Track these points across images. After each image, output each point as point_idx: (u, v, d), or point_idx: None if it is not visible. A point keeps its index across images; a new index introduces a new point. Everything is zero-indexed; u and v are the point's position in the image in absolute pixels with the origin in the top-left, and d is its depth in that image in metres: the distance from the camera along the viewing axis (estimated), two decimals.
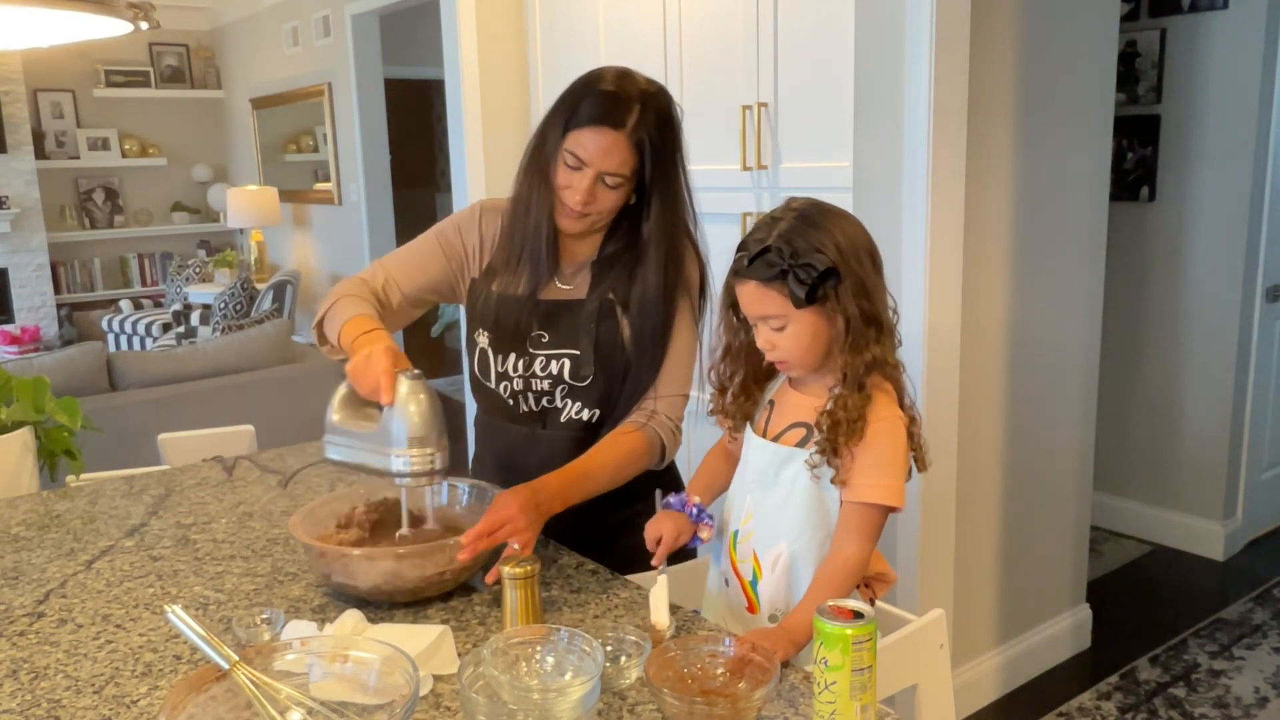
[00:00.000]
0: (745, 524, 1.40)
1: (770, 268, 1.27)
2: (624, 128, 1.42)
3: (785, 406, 1.40)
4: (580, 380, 1.54)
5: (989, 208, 2.42)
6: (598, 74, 1.47)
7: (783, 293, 1.28)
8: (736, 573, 1.41)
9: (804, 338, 1.30)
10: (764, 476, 1.37)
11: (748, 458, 1.41)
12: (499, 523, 1.32)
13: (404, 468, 1.31)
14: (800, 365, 1.34)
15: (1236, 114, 3.35)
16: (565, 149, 1.44)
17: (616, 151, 1.42)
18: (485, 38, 3.31)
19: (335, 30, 6.10)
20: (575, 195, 1.45)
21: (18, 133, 6.63)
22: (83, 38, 2.02)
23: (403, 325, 1.62)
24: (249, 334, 4.02)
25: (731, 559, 1.42)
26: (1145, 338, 3.67)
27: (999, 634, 2.72)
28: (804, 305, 1.27)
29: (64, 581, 1.45)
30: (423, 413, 1.30)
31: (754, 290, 1.30)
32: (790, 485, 1.35)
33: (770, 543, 1.36)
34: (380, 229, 6.26)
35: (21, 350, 6.18)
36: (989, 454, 2.57)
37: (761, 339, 1.34)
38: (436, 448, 1.31)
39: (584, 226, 1.51)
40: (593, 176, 1.44)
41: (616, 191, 1.46)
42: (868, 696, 0.98)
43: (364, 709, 1.01)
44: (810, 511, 1.34)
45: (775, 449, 1.37)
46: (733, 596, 1.42)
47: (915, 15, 2.17)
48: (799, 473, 1.33)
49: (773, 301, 1.29)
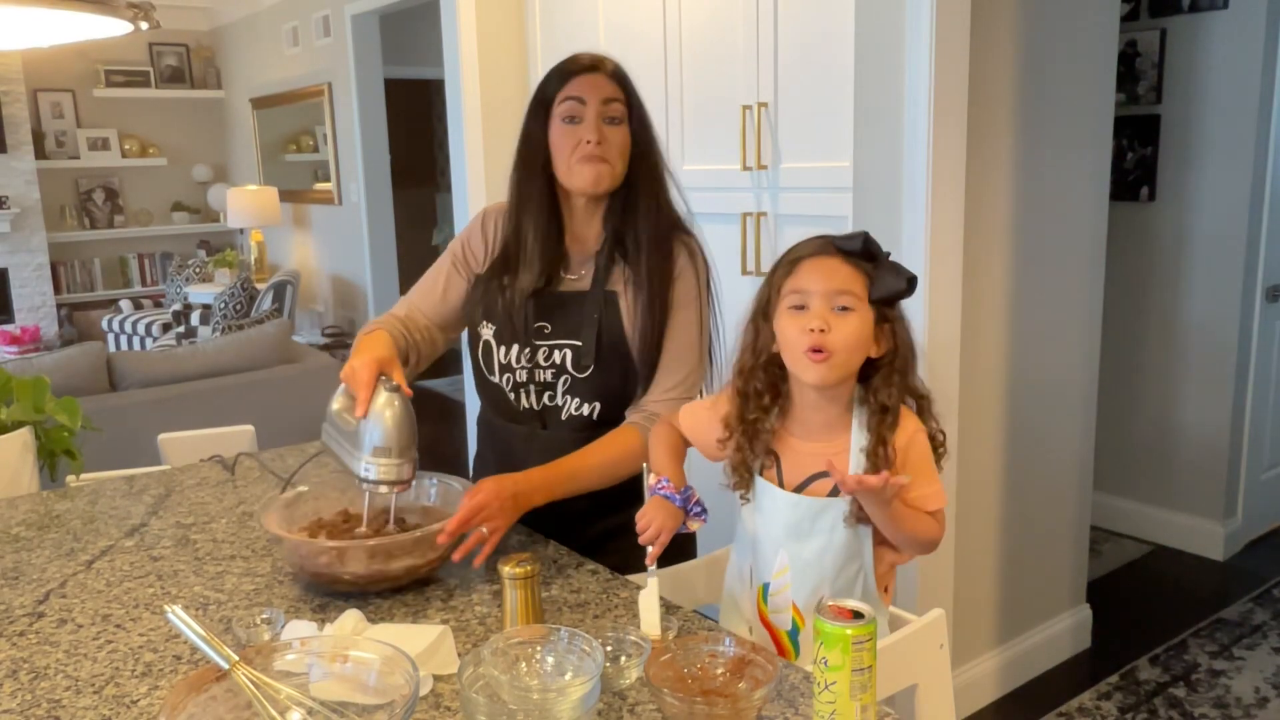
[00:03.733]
0: (779, 577, 1.36)
1: (871, 247, 1.28)
2: (601, 70, 1.54)
3: (793, 456, 1.35)
4: (581, 371, 1.55)
5: (989, 207, 2.42)
6: (553, 67, 1.57)
7: (864, 280, 1.27)
8: (767, 624, 1.38)
9: (861, 332, 1.27)
10: (798, 530, 1.33)
11: (771, 513, 1.35)
12: (475, 510, 1.36)
13: (368, 474, 1.37)
14: (841, 364, 1.26)
15: (1236, 114, 3.35)
16: (558, 113, 1.53)
17: (606, 85, 1.53)
18: (485, 38, 3.31)
19: (335, 30, 6.10)
20: (589, 134, 1.50)
21: (18, 133, 6.63)
22: (83, 38, 2.02)
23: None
24: (249, 334, 4.02)
25: (761, 611, 1.39)
26: (1145, 338, 3.67)
27: (999, 634, 2.72)
28: (878, 303, 1.27)
29: (64, 581, 1.45)
30: (394, 424, 1.36)
31: (840, 265, 1.28)
32: (829, 534, 1.31)
33: (811, 593, 1.33)
34: (380, 229, 6.26)
35: (21, 350, 6.18)
36: (989, 454, 2.57)
37: (815, 320, 1.25)
38: (404, 459, 1.38)
39: (608, 178, 1.53)
40: (594, 114, 1.51)
41: (619, 127, 1.53)
42: (868, 696, 0.98)
43: (364, 709, 1.01)
44: (851, 555, 1.32)
45: (810, 502, 1.32)
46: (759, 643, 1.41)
47: (915, 15, 2.17)
48: (836, 521, 1.31)
49: (854, 280, 1.27)
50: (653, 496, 1.35)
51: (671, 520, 1.33)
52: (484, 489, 1.38)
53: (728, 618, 1.46)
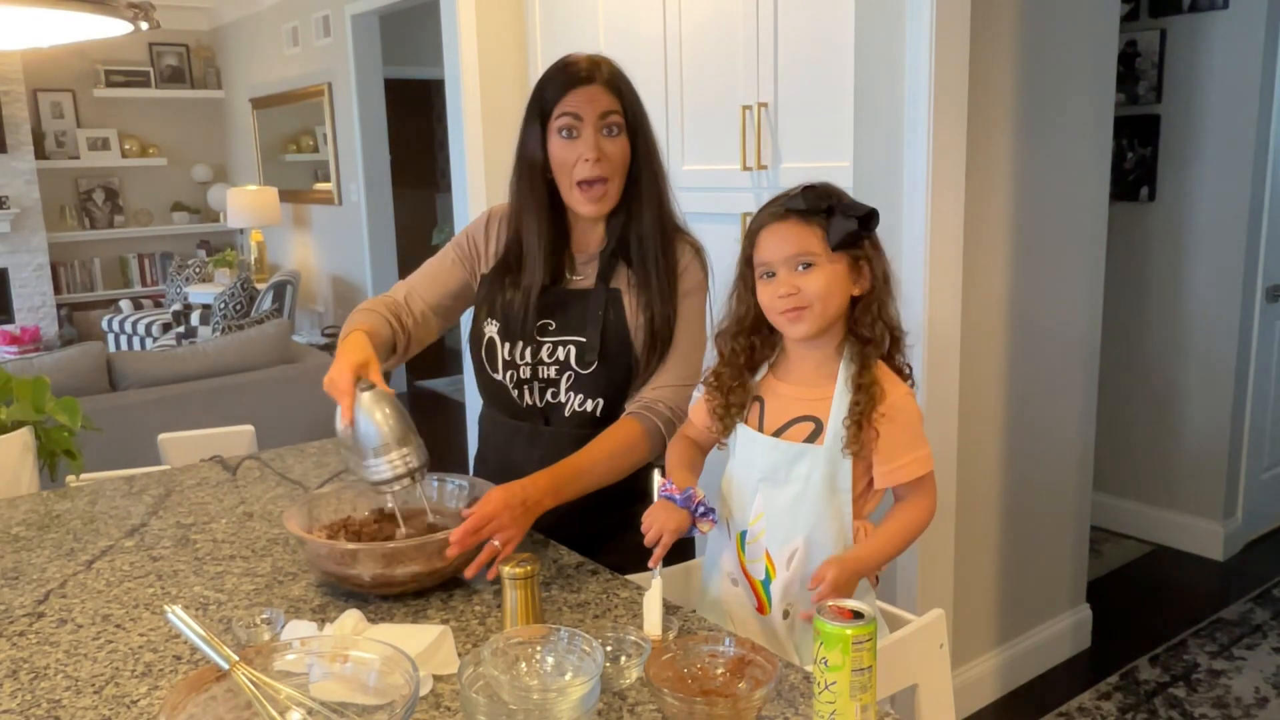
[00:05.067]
0: (755, 523, 1.39)
1: (819, 200, 1.30)
2: (596, 80, 1.51)
3: (778, 400, 1.39)
4: (585, 367, 1.56)
5: (989, 208, 2.42)
6: (549, 69, 1.56)
7: (820, 233, 1.30)
8: (746, 574, 1.40)
9: (830, 283, 1.31)
10: (774, 474, 1.36)
11: (749, 456, 1.40)
12: (484, 519, 1.34)
13: (377, 476, 1.37)
14: (819, 314, 1.32)
15: (1236, 114, 3.35)
16: (555, 126, 1.51)
17: (602, 97, 1.51)
18: (485, 38, 3.31)
19: (335, 30, 6.10)
20: (587, 152, 1.50)
21: (18, 133, 6.63)
22: (83, 38, 2.02)
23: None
24: (249, 334, 4.02)
25: (740, 560, 1.41)
26: (1145, 338, 3.67)
27: (999, 634, 2.72)
28: (842, 247, 1.30)
29: (64, 581, 1.45)
30: (382, 420, 1.35)
31: (791, 227, 1.31)
32: (804, 481, 1.34)
33: (784, 540, 1.36)
34: (380, 229, 6.26)
35: (21, 350, 6.19)
36: (989, 454, 2.57)
37: (782, 286, 1.32)
38: (406, 449, 1.37)
39: (607, 202, 1.54)
40: (592, 129, 1.50)
41: (618, 139, 1.52)
42: (868, 696, 0.98)
43: (364, 709, 1.01)
44: (826, 505, 1.34)
45: (786, 446, 1.36)
46: (743, 595, 1.42)
47: (915, 15, 2.17)
48: (813, 468, 1.34)
49: (810, 238, 1.30)
50: (658, 499, 1.38)
51: (675, 521, 1.34)
52: (493, 499, 1.35)
53: (709, 576, 1.48)
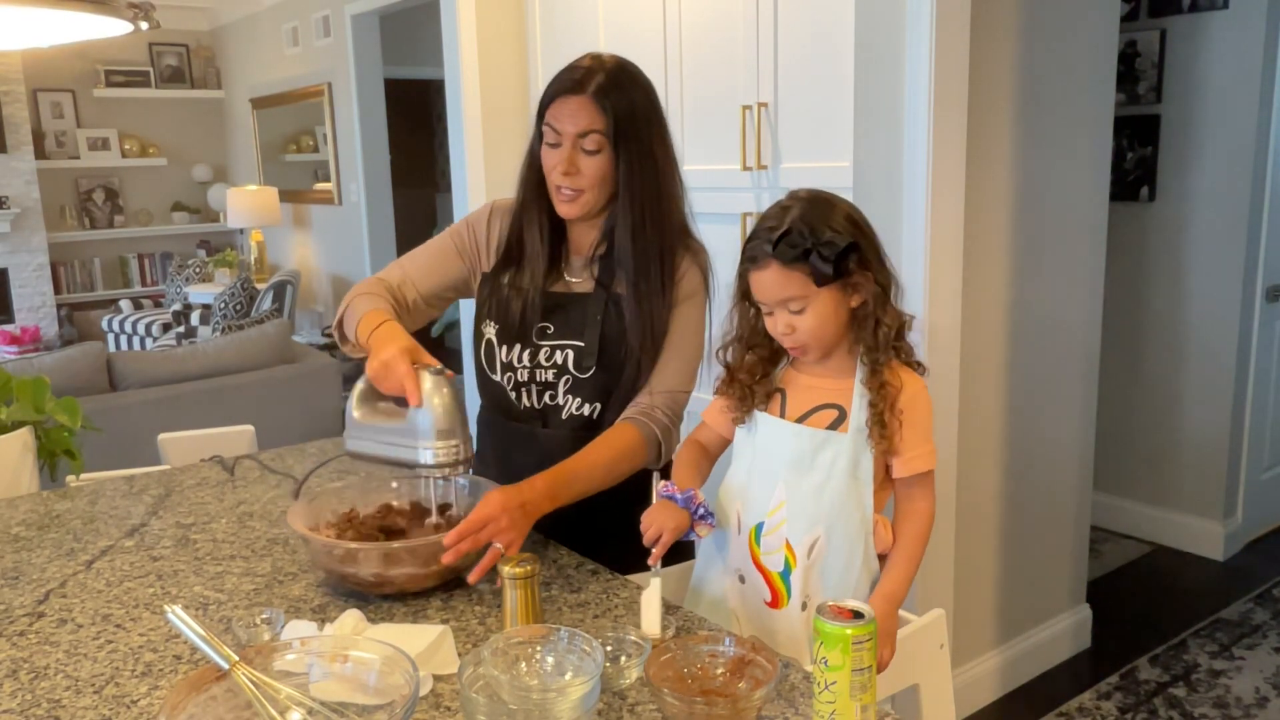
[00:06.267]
0: (775, 513, 1.39)
1: (793, 248, 1.30)
2: (585, 91, 1.48)
3: (800, 390, 1.41)
4: (583, 371, 1.56)
5: (989, 208, 2.42)
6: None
7: (805, 274, 1.31)
8: (760, 566, 1.40)
9: (824, 318, 1.33)
10: (799, 462, 1.37)
11: (772, 444, 1.40)
12: (482, 522, 1.33)
13: (431, 459, 1.38)
14: (817, 347, 1.36)
15: (1236, 114, 3.34)
16: (544, 129, 1.51)
17: (583, 113, 1.47)
18: (485, 38, 3.31)
19: (335, 30, 6.10)
20: (560, 164, 1.49)
21: (18, 133, 6.63)
22: (83, 38, 2.02)
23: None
24: (249, 334, 4.02)
25: (753, 552, 1.41)
26: (1145, 338, 3.67)
27: (999, 634, 2.72)
28: (827, 283, 1.31)
29: (64, 581, 1.45)
30: (447, 407, 1.38)
31: (774, 274, 1.32)
32: (828, 469, 1.35)
33: (806, 529, 1.36)
34: (380, 229, 6.26)
35: (21, 350, 6.19)
36: (989, 454, 2.57)
37: (780, 324, 1.35)
38: (461, 439, 1.39)
39: (579, 208, 1.53)
40: (570, 144, 1.48)
41: (596, 157, 1.49)
42: (868, 696, 0.98)
43: (364, 709, 1.01)
44: (849, 494, 1.35)
45: (811, 433, 1.37)
46: (750, 592, 1.41)
47: (915, 15, 2.17)
48: (837, 455, 1.35)
49: (794, 283, 1.32)
50: (658, 499, 1.39)
51: (674, 522, 1.35)
52: (491, 501, 1.35)
53: (703, 578, 1.49)
